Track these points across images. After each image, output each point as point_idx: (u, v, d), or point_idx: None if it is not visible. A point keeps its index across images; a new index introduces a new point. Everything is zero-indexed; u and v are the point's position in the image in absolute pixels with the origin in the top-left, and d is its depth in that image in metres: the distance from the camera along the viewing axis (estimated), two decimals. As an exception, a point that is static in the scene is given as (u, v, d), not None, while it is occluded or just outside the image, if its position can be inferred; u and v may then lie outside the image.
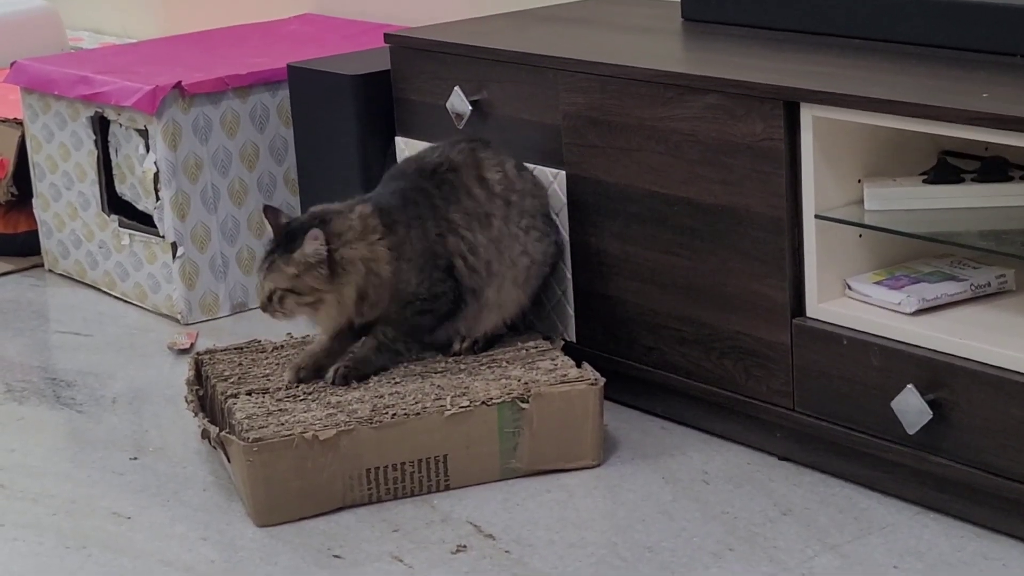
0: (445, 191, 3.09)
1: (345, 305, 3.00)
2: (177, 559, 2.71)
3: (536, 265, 3.13)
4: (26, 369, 3.64)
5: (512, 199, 3.10)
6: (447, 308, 3.07)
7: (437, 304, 3.06)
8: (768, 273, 2.83)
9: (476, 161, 3.12)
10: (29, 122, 4.22)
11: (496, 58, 3.26)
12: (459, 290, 3.07)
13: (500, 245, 3.09)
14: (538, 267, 3.14)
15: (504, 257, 3.09)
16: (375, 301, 3.01)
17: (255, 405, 2.92)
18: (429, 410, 2.86)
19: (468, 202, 3.09)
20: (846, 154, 2.78)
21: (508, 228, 3.10)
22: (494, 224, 3.09)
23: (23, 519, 2.89)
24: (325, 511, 2.83)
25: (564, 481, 2.91)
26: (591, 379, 2.94)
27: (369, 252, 3.00)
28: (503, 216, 3.10)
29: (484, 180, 3.11)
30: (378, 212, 3.04)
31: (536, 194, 3.15)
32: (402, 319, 3.04)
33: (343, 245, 2.98)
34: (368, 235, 3.01)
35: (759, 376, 2.89)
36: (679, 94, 2.91)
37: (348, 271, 2.98)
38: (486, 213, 3.09)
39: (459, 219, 3.08)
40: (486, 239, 3.08)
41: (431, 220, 3.06)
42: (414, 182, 3.11)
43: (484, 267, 3.08)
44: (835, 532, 2.67)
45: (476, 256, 3.08)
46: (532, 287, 3.14)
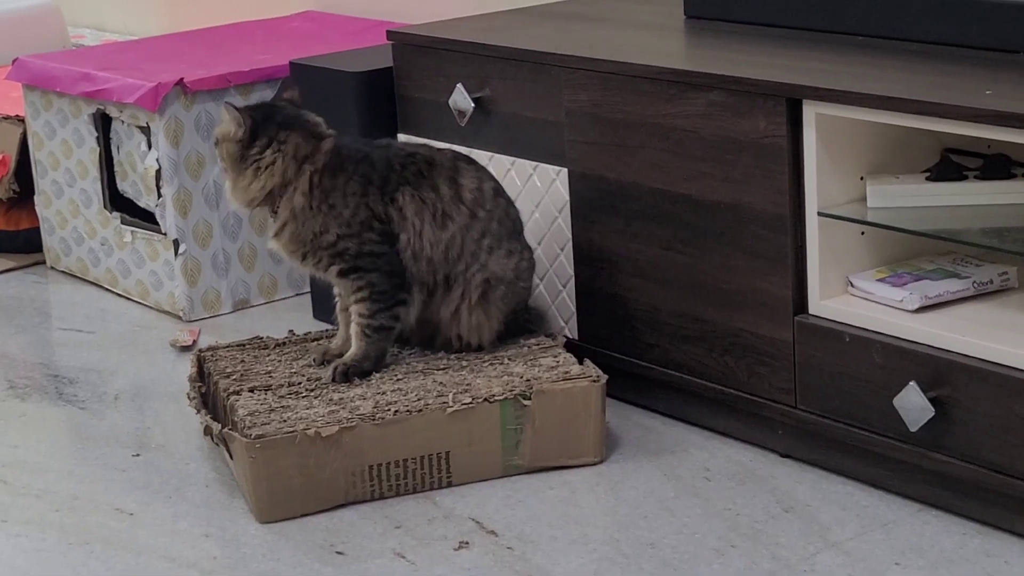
0: (409, 175, 3.07)
1: (245, 195, 3.06)
2: (180, 555, 2.71)
3: (504, 284, 3.08)
4: (28, 366, 3.64)
5: (479, 214, 3.07)
6: (390, 270, 3.03)
7: (373, 263, 3.03)
8: (771, 270, 2.83)
9: (456, 167, 3.11)
10: (31, 119, 4.22)
11: (499, 55, 3.26)
12: (401, 265, 3.04)
13: (450, 252, 3.05)
14: (507, 285, 3.09)
15: (452, 266, 3.06)
16: (288, 227, 3.03)
17: (257, 402, 2.92)
18: (431, 407, 2.86)
19: (429, 194, 3.06)
20: (849, 151, 2.78)
21: (465, 237, 3.06)
22: (449, 227, 3.05)
23: (26, 515, 2.89)
24: (327, 508, 2.83)
25: (566, 478, 2.92)
26: (593, 376, 2.94)
27: (294, 174, 3.03)
28: (463, 225, 3.06)
29: (456, 184, 3.08)
30: (334, 152, 3.05)
31: (504, 221, 3.10)
32: (349, 284, 3.04)
33: (276, 151, 3.03)
34: (305, 161, 3.03)
35: (761, 373, 2.89)
36: (682, 91, 2.91)
37: (263, 171, 3.03)
38: (444, 212, 3.05)
39: (409, 202, 3.05)
40: (434, 236, 3.05)
41: (379, 188, 3.05)
42: (386, 155, 3.10)
43: (427, 264, 3.05)
44: (837, 529, 2.67)
45: (421, 244, 3.05)
46: (500, 309, 3.09)
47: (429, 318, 3.10)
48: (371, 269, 3.03)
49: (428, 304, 3.09)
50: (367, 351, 3.03)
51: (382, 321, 3.04)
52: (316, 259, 3.05)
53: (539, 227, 3.26)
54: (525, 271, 3.13)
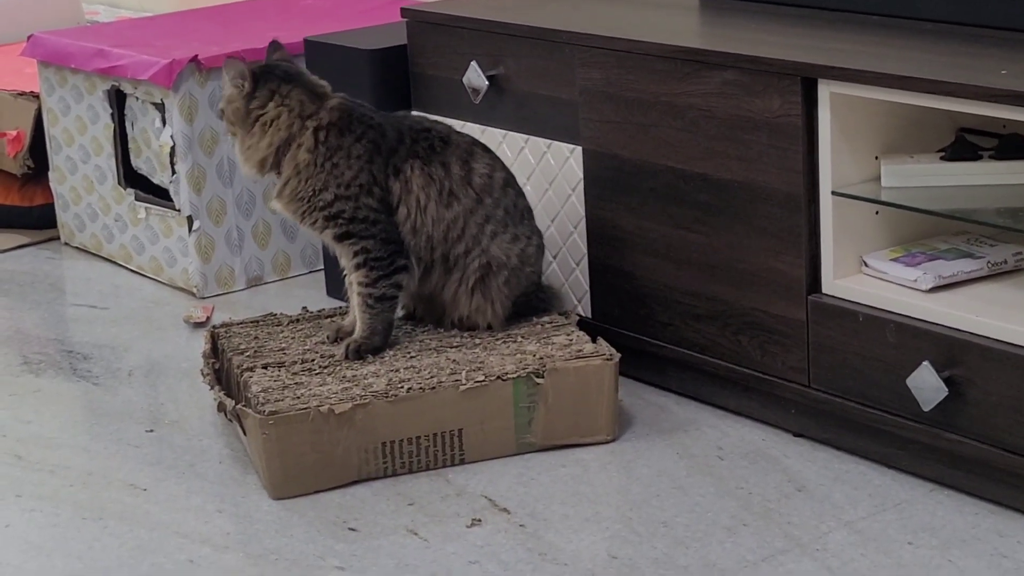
0: (420, 148, 3.06)
1: (255, 154, 3.05)
2: (193, 531, 2.72)
3: (507, 269, 3.07)
4: (43, 342, 3.65)
5: (486, 200, 3.06)
6: (385, 237, 3.01)
7: (368, 229, 3.01)
8: (784, 249, 2.83)
9: (471, 151, 3.10)
10: (46, 95, 4.22)
11: (513, 33, 3.26)
12: (398, 233, 3.03)
13: (451, 232, 3.04)
14: (510, 271, 3.07)
15: (452, 246, 3.04)
16: (291, 184, 3.03)
17: (271, 379, 2.93)
18: (444, 384, 2.86)
19: (438, 171, 3.05)
20: (863, 131, 2.77)
21: (469, 220, 3.05)
22: (454, 207, 3.04)
23: (40, 490, 2.90)
24: (340, 484, 2.83)
25: (579, 456, 2.92)
26: (606, 354, 2.94)
27: (298, 129, 3.02)
28: (469, 208, 3.04)
29: (468, 166, 3.07)
30: (342, 110, 3.05)
31: (512, 210, 3.08)
32: (346, 250, 3.04)
33: (280, 104, 3.03)
34: (309, 118, 3.03)
35: (774, 352, 2.89)
36: (696, 70, 2.91)
37: (268, 126, 3.03)
38: (451, 191, 3.04)
39: (417, 175, 3.04)
40: (437, 214, 3.03)
41: (386, 157, 3.04)
42: (400, 126, 3.09)
43: (426, 240, 3.04)
44: (849, 508, 2.67)
45: (423, 220, 3.03)
46: (503, 293, 3.08)
47: (435, 297, 3.10)
48: (366, 236, 3.02)
49: (424, 281, 3.08)
50: (373, 325, 3.03)
51: (384, 290, 3.03)
52: (312, 220, 3.04)
53: (553, 205, 3.26)
54: (532, 256, 3.12)
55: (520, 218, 3.12)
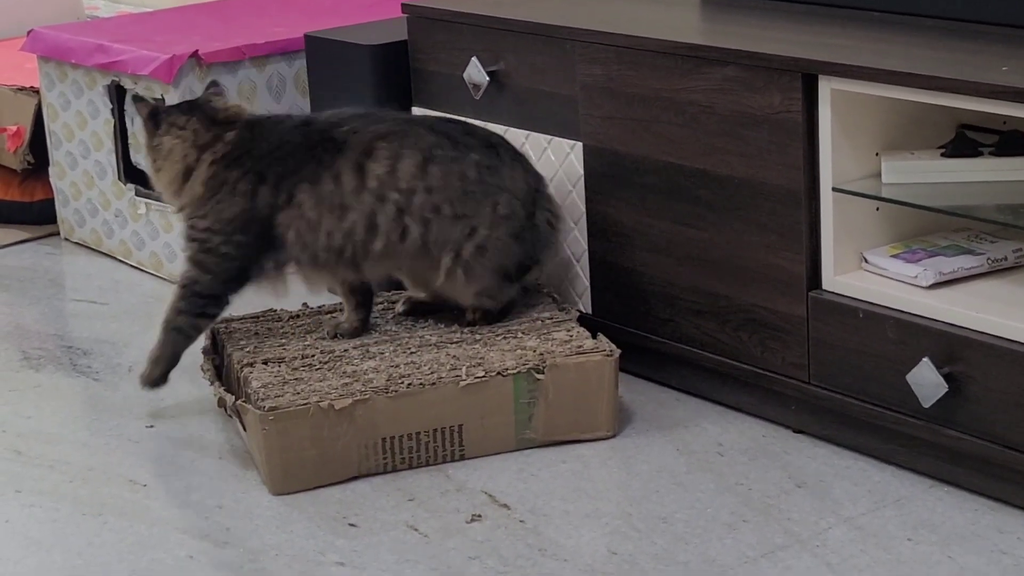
0: (310, 170, 3.00)
1: (164, 188, 3.11)
2: (193, 527, 2.72)
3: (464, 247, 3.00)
4: (42, 337, 3.65)
5: (389, 195, 2.98)
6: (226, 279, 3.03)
7: (217, 265, 3.02)
8: (785, 245, 2.83)
9: (371, 149, 3.01)
10: (46, 90, 4.22)
11: (513, 28, 3.26)
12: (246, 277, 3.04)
13: (353, 236, 2.99)
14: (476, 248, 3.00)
15: (365, 246, 3.00)
16: (186, 211, 3.06)
17: (271, 374, 2.93)
18: (444, 380, 2.86)
19: (328, 186, 2.99)
20: (864, 127, 2.77)
21: (375, 220, 2.98)
22: (349, 216, 2.99)
23: (40, 486, 2.90)
24: (340, 480, 2.84)
25: (579, 452, 2.92)
26: (606, 350, 2.94)
27: (195, 161, 3.04)
28: (367, 211, 2.98)
29: (363, 169, 3.00)
30: (236, 142, 3.04)
31: (443, 189, 2.99)
32: (183, 269, 3.07)
33: (175, 137, 3.06)
34: (206, 149, 3.04)
35: (775, 348, 2.89)
36: (697, 66, 2.91)
37: (166, 159, 3.07)
38: (342, 204, 2.99)
39: (307, 198, 2.99)
40: (333, 226, 2.99)
41: (274, 186, 3.00)
42: (295, 142, 3.03)
43: (325, 251, 3.00)
44: (849, 504, 2.67)
45: (314, 236, 2.99)
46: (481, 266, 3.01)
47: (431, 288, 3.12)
48: (208, 270, 3.04)
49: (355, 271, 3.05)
50: (160, 353, 3.08)
51: (181, 324, 3.06)
52: (184, 233, 3.08)
53: (553, 201, 3.26)
54: (491, 227, 3.02)
55: (462, 193, 3.01)
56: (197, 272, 3.05)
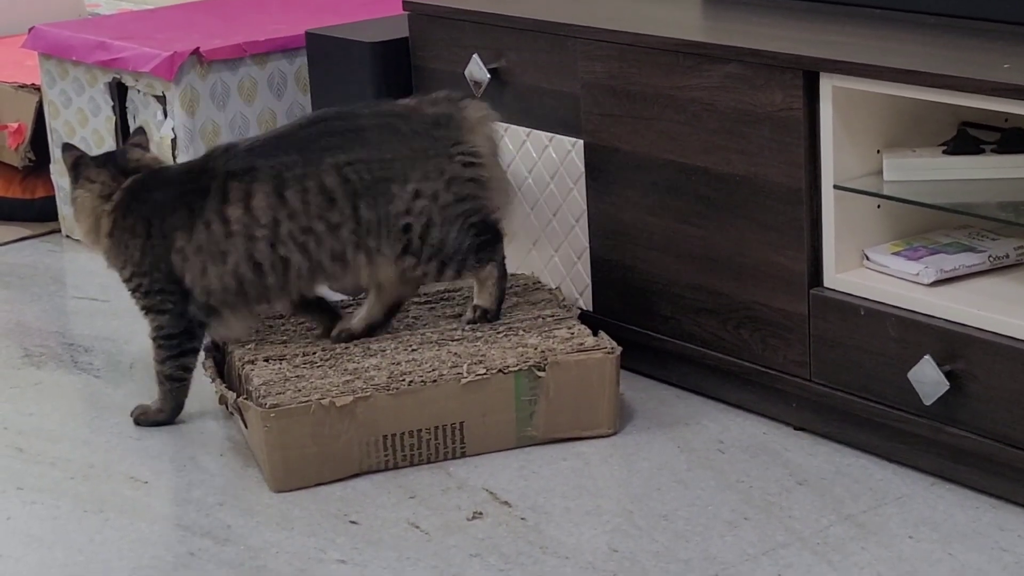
0: (182, 217, 2.98)
1: (80, 236, 3.15)
2: (194, 524, 2.72)
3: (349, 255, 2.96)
4: (44, 334, 3.65)
5: (256, 233, 2.95)
6: (180, 311, 3.01)
7: (163, 303, 3.02)
8: (786, 243, 2.83)
9: (224, 192, 2.96)
10: (47, 87, 4.22)
11: (515, 26, 3.26)
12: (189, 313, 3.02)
13: (245, 277, 2.97)
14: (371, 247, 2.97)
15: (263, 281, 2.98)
16: (107, 261, 3.10)
17: (272, 371, 2.93)
18: (446, 377, 2.86)
19: (201, 234, 2.97)
20: (865, 124, 2.77)
21: (255, 257, 2.96)
22: (229, 260, 2.97)
23: (41, 483, 2.90)
24: (342, 477, 2.84)
25: (580, 449, 2.92)
26: (608, 348, 2.94)
27: (102, 211, 3.06)
28: (244, 253, 2.95)
29: (223, 216, 2.96)
30: (128, 190, 3.04)
31: (304, 209, 2.94)
32: (146, 321, 3.08)
33: (85, 190, 3.09)
34: (109, 199, 3.06)
35: (776, 346, 2.89)
36: (698, 63, 2.90)
37: (79, 211, 3.09)
38: (220, 250, 2.97)
39: (187, 245, 2.98)
40: (219, 271, 2.97)
41: (160, 231, 3.00)
42: (182, 185, 3.02)
43: (223, 292, 2.99)
44: (850, 502, 2.67)
45: (207, 282, 2.99)
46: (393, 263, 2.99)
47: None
48: (162, 311, 3.04)
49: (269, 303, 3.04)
50: (164, 403, 3.09)
51: (171, 370, 3.06)
52: (130, 293, 3.10)
53: (554, 199, 3.26)
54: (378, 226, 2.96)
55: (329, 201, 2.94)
56: (154, 317, 3.06)
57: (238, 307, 3.02)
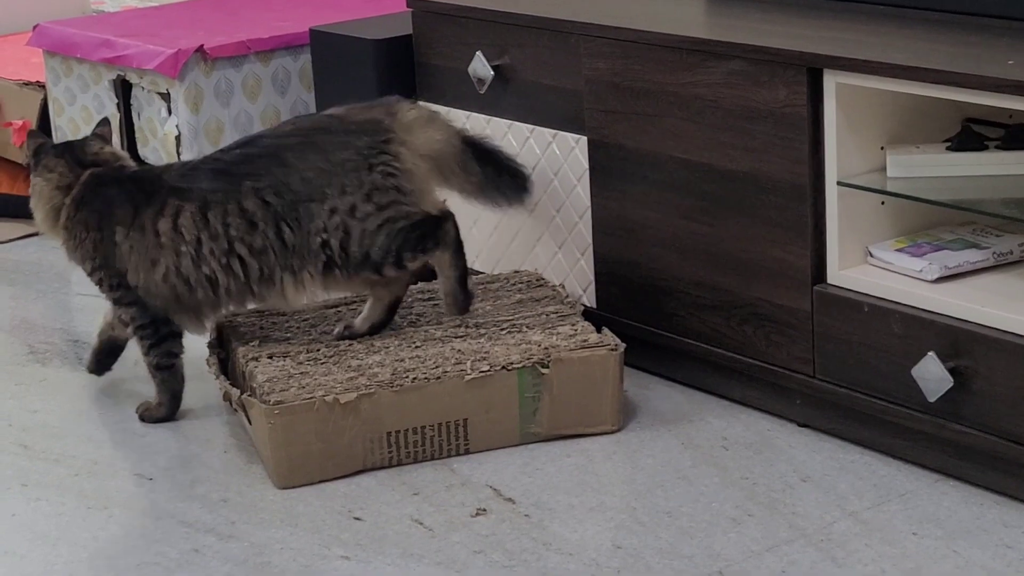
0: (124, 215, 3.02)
1: (37, 223, 3.16)
2: (198, 520, 2.72)
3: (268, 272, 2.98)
4: (48, 331, 3.65)
5: (181, 249, 2.98)
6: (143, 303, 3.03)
7: (127, 296, 3.05)
8: (789, 240, 2.83)
9: (163, 205, 2.99)
10: (51, 85, 4.22)
11: (519, 23, 3.26)
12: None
13: (178, 286, 3.00)
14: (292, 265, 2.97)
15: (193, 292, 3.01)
16: (65, 251, 3.12)
17: (276, 368, 2.93)
18: (449, 374, 2.86)
19: (138, 235, 3.00)
20: (869, 121, 2.77)
21: (181, 269, 2.98)
22: (159, 267, 2.99)
23: (46, 479, 2.91)
24: (345, 474, 2.84)
25: (584, 446, 2.92)
26: (611, 344, 2.94)
27: (60, 201, 3.09)
28: (172, 263, 2.99)
29: (155, 228, 2.99)
30: (85, 183, 3.07)
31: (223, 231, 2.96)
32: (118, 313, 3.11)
33: (43, 179, 3.12)
34: (68, 190, 3.09)
35: (780, 343, 2.89)
36: (702, 60, 2.90)
37: (35, 199, 3.14)
38: (152, 259, 3.00)
39: (123, 241, 3.02)
40: (151, 277, 3.01)
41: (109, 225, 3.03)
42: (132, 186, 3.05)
43: (163, 300, 3.02)
44: (854, 499, 2.67)
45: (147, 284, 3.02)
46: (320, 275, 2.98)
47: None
48: (128, 303, 3.06)
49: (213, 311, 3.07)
50: (160, 395, 3.10)
51: (157, 359, 3.08)
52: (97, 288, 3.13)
53: (558, 195, 3.26)
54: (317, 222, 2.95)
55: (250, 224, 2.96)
56: (124, 311, 3.08)
57: (179, 312, 3.05)
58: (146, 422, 3.10)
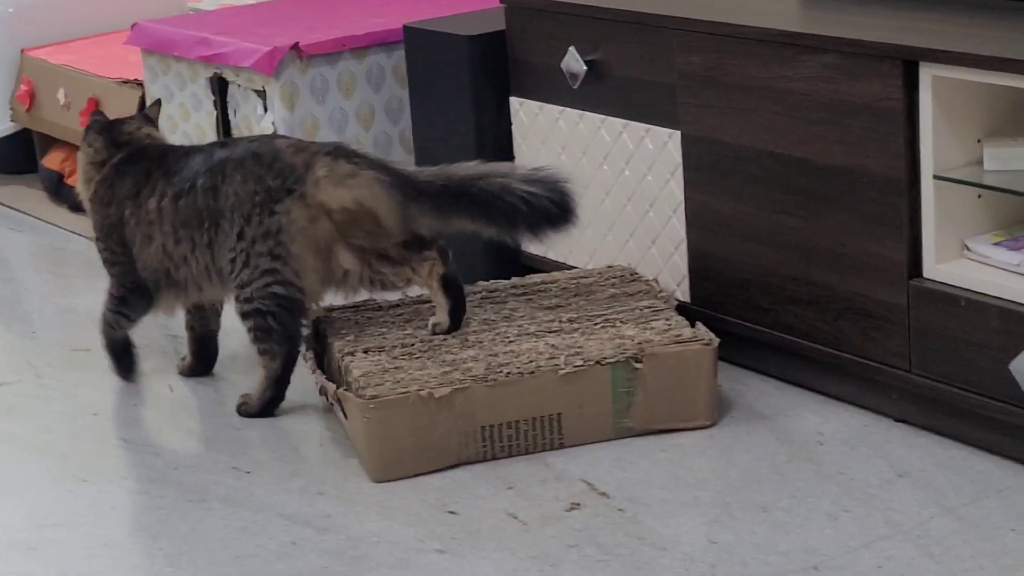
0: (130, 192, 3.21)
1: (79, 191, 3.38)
2: (295, 513, 2.75)
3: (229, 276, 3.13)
4: (147, 327, 3.68)
5: (166, 228, 3.16)
6: (121, 280, 3.25)
7: (111, 269, 3.27)
8: (885, 234, 2.81)
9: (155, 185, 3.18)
10: (149, 83, 4.27)
11: (612, 17, 3.26)
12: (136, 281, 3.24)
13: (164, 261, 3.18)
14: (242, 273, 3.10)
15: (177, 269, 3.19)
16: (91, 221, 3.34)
17: (372, 363, 2.95)
18: (543, 369, 2.87)
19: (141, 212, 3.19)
20: (965, 113, 2.75)
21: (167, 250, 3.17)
22: (152, 244, 3.18)
23: (146, 473, 2.95)
24: (440, 468, 2.85)
25: (677, 441, 2.92)
26: (705, 339, 2.94)
27: (93, 176, 3.28)
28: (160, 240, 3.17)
29: (147, 205, 3.18)
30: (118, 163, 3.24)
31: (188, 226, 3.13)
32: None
33: (82, 147, 3.32)
34: (100, 170, 3.27)
35: (875, 338, 2.87)
36: (796, 53, 2.89)
37: (78, 164, 3.35)
38: (148, 235, 3.19)
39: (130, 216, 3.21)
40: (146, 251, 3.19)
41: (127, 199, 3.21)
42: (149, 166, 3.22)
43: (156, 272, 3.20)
44: (952, 495, 2.65)
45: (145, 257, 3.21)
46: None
47: None
48: (111, 275, 3.29)
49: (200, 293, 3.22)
50: (104, 344, 3.35)
51: (107, 320, 3.31)
52: None
53: (651, 190, 3.26)
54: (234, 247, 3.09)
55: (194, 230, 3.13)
56: (110, 278, 3.30)
57: (168, 287, 3.20)
58: (243, 416, 3.13)
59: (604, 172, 3.34)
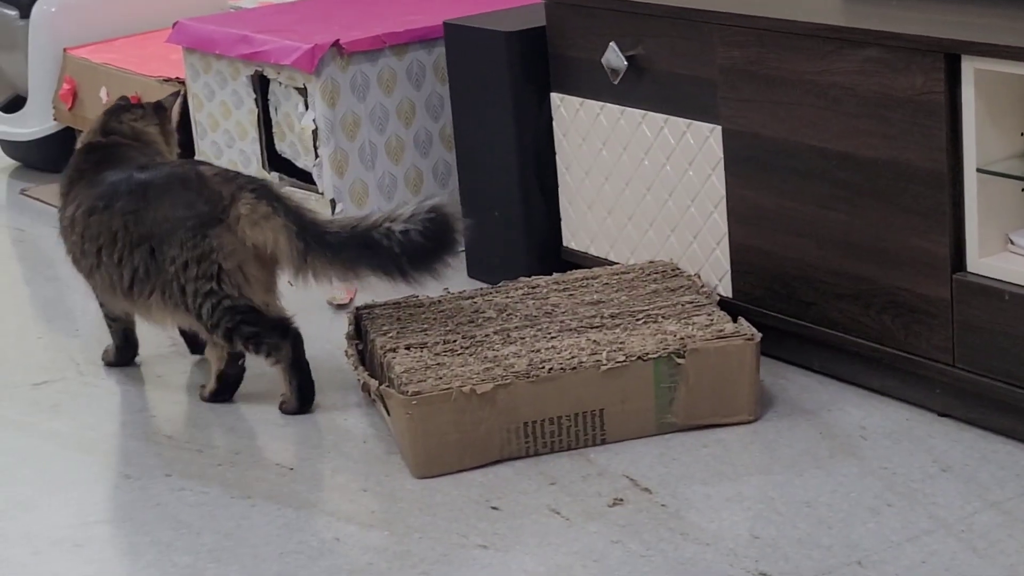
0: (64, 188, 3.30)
1: None
2: (338, 509, 2.76)
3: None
4: (190, 323, 3.71)
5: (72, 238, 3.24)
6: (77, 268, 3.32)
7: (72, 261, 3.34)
8: (928, 228, 2.80)
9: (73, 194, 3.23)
10: (191, 81, 4.29)
11: (652, 13, 3.25)
12: None
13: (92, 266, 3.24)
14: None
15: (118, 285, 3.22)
16: None
17: (414, 359, 2.95)
18: (585, 365, 2.87)
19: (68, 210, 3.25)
20: (1009, 107, 2.73)
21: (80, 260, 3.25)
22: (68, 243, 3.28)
23: (189, 469, 2.96)
24: (482, 464, 2.86)
25: (720, 436, 2.91)
26: (747, 334, 2.93)
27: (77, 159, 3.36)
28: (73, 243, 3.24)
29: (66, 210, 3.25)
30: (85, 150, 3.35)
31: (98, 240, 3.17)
32: None
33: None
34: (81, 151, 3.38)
35: (919, 332, 2.86)
36: (838, 47, 2.88)
37: None
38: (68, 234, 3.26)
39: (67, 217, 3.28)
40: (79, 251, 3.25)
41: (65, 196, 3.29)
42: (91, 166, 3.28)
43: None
44: (996, 489, 2.64)
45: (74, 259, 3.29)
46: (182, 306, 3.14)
47: None
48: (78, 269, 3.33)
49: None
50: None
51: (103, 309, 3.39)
52: None
53: (692, 185, 3.25)
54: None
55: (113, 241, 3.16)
56: None
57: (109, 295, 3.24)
58: (285, 414, 3.14)
59: (645, 167, 3.34)
